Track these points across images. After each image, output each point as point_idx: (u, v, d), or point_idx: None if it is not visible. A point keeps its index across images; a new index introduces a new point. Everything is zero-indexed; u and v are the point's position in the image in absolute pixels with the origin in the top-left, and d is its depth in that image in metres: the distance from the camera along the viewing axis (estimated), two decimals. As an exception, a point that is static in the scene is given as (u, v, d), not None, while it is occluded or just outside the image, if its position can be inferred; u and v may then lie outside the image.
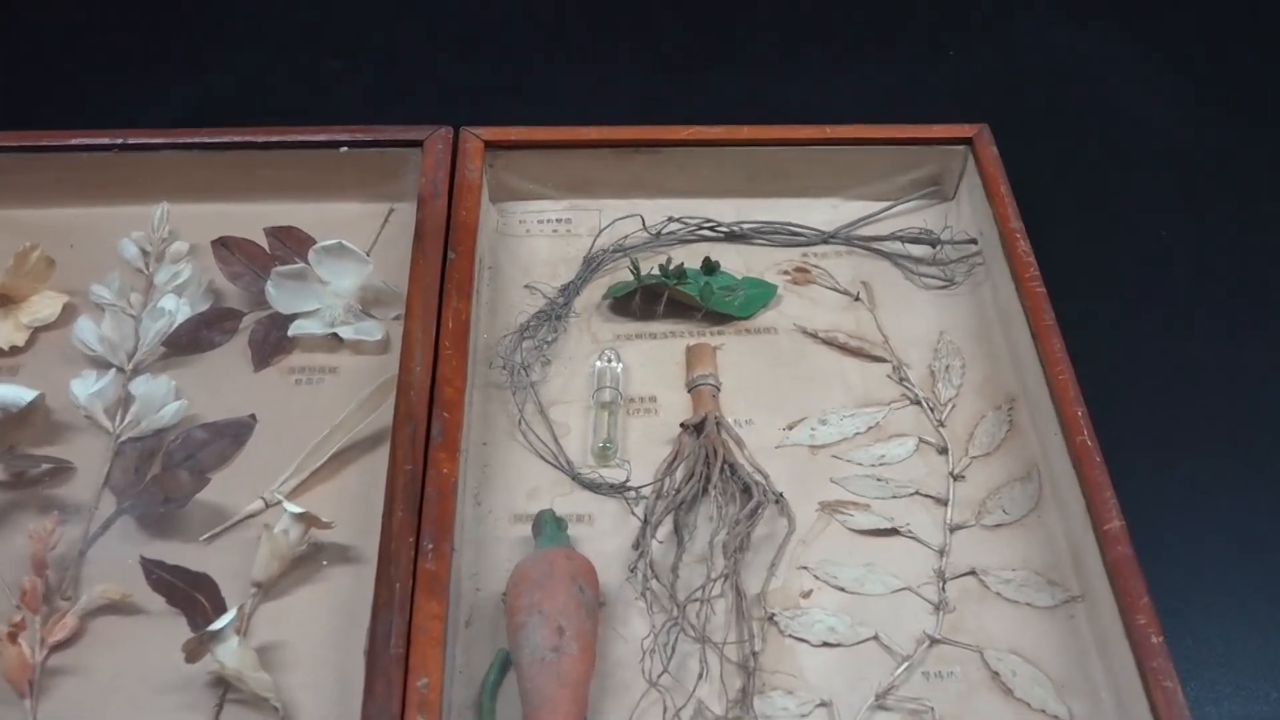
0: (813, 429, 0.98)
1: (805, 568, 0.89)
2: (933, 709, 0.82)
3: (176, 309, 1.02)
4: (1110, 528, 0.85)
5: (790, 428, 0.98)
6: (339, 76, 1.35)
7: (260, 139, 1.09)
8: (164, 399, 0.95)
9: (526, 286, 1.07)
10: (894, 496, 0.94)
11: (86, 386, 0.95)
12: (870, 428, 0.98)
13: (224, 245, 1.06)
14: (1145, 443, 1.03)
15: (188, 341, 1.01)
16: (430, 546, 0.83)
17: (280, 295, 1.02)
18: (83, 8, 1.43)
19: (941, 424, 0.98)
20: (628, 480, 0.93)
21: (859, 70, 1.37)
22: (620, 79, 1.36)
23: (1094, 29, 1.44)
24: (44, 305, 1.03)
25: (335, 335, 1.02)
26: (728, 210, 1.13)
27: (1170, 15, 1.46)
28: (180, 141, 1.08)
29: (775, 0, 1.47)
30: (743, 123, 1.11)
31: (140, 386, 0.96)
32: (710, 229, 1.11)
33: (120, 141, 1.08)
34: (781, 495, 0.92)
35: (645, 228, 1.10)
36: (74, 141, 1.08)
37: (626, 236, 1.10)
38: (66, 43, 1.38)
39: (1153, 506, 0.98)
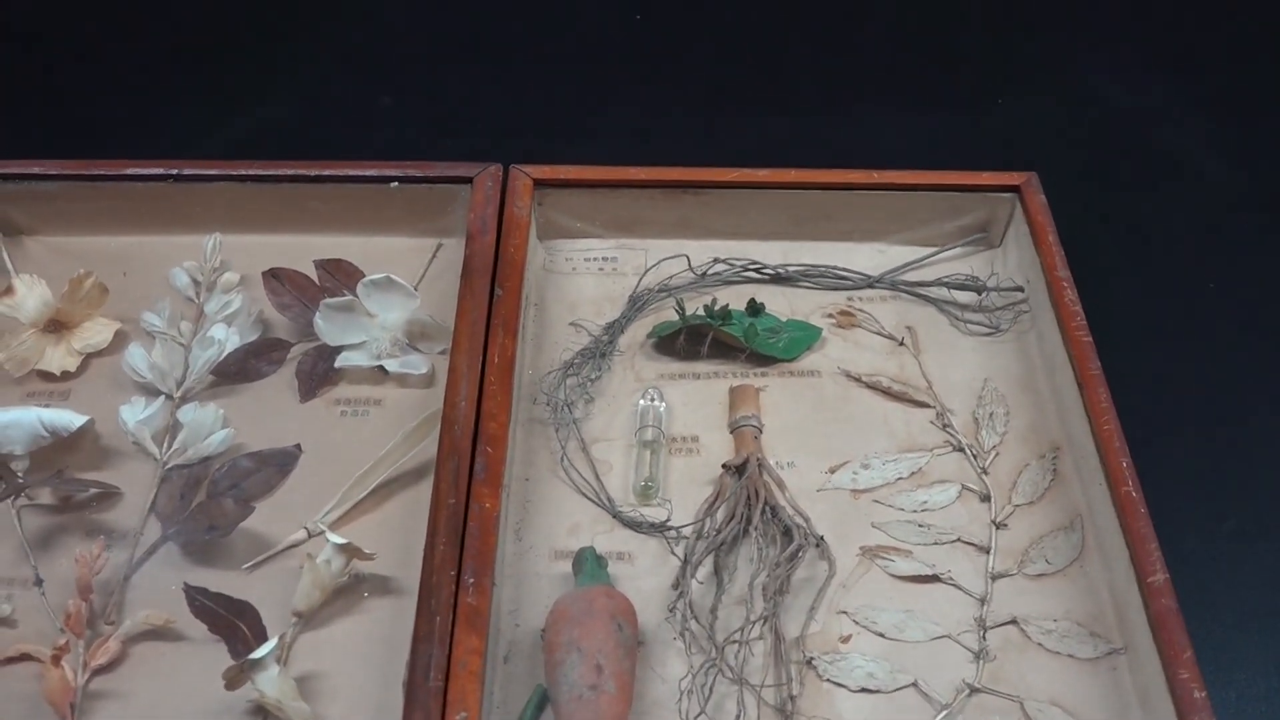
0: (855, 473, 0.98)
1: (845, 612, 0.89)
2: (971, 758, 0.82)
3: (226, 338, 1.03)
4: (1154, 580, 0.84)
5: (832, 471, 0.98)
6: (391, 113, 1.37)
7: (312, 172, 1.10)
8: (211, 427, 0.96)
9: (572, 324, 1.08)
10: (936, 543, 0.93)
11: (135, 413, 0.97)
12: (913, 473, 0.98)
13: (274, 276, 1.07)
14: (1191, 494, 1.02)
15: (236, 371, 1.02)
16: (471, 581, 0.83)
17: (328, 327, 1.03)
18: (139, 39, 1.45)
19: (984, 471, 0.98)
20: (668, 519, 0.94)
21: (908, 116, 1.38)
22: (669, 120, 1.37)
23: (1144, 78, 1.44)
24: (96, 331, 1.05)
25: (381, 368, 1.03)
26: (773, 252, 1.13)
27: (1221, 65, 1.46)
28: (233, 173, 1.10)
29: (825, 44, 1.48)
30: (790, 166, 1.12)
31: (188, 414, 0.97)
32: (756, 271, 1.12)
33: (175, 172, 1.10)
34: (822, 539, 0.92)
35: (691, 268, 1.11)
36: (129, 171, 1.10)
37: (672, 276, 1.11)
38: (123, 74, 1.41)
39: (1197, 559, 0.97)
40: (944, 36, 1.49)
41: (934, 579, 0.91)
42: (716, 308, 1.05)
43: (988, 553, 0.93)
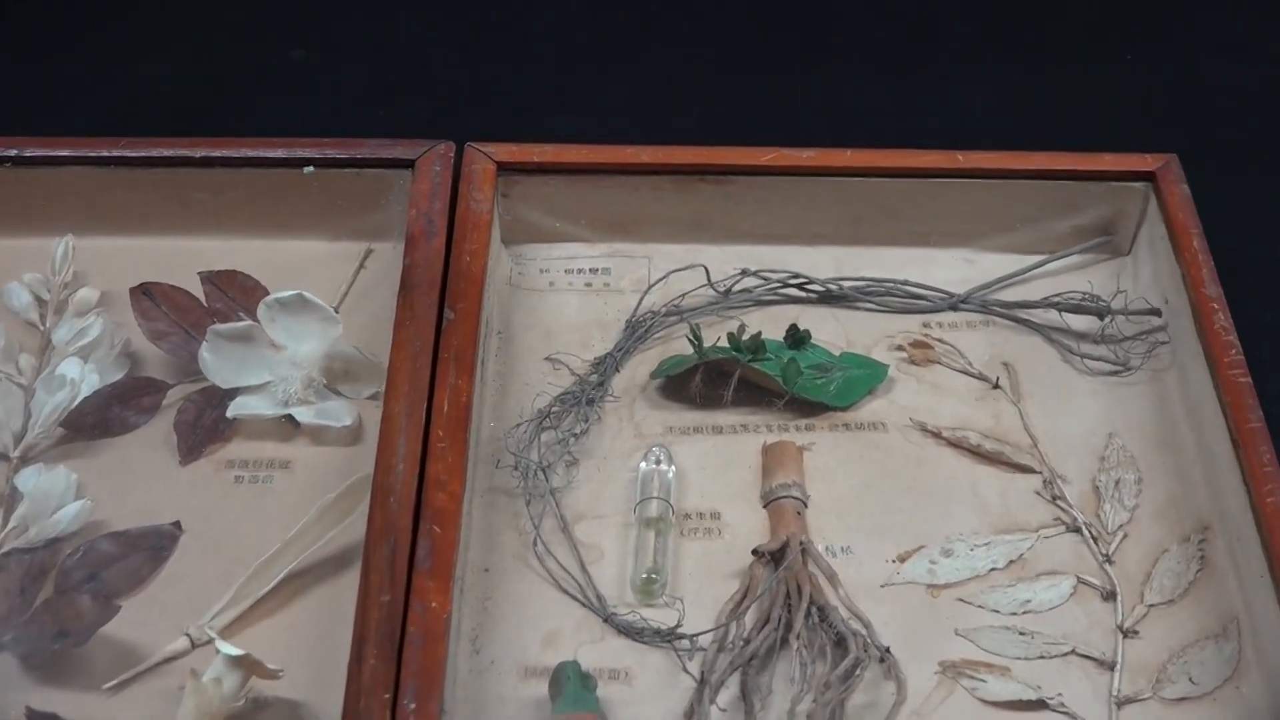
0: (933, 562, 0.98)
1: (919, 750, 0.90)
2: None
3: (81, 378, 1.04)
4: (1336, 707, 0.85)
5: (902, 559, 0.99)
6: (306, 71, 1.37)
7: (197, 153, 1.12)
8: (61, 498, 0.97)
9: (549, 359, 1.09)
10: (1042, 657, 0.94)
11: (-42, 479, 0.98)
12: (1011, 562, 0.99)
13: (146, 294, 1.08)
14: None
15: (95, 422, 1.03)
16: (412, 706, 0.84)
17: (218, 363, 1.04)
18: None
19: (1109, 560, 0.99)
20: (680, 625, 0.94)
21: (1003, 78, 1.38)
22: (681, 84, 1.38)
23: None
24: (-95, 368, 1.06)
25: (290, 418, 1.04)
26: (823, 262, 1.15)
27: None
28: (91, 154, 1.11)
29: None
30: (844, 144, 1.13)
31: (29, 481, 0.98)
32: (799, 286, 1.13)
33: (13, 153, 1.11)
34: (888, 650, 0.92)
35: (710, 283, 1.12)
36: (-49, 152, 1.11)
37: (685, 294, 1.12)
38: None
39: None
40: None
41: (1040, 705, 0.92)
42: (745, 337, 1.06)
43: (1112, 670, 0.94)
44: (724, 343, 1.06)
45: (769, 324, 1.09)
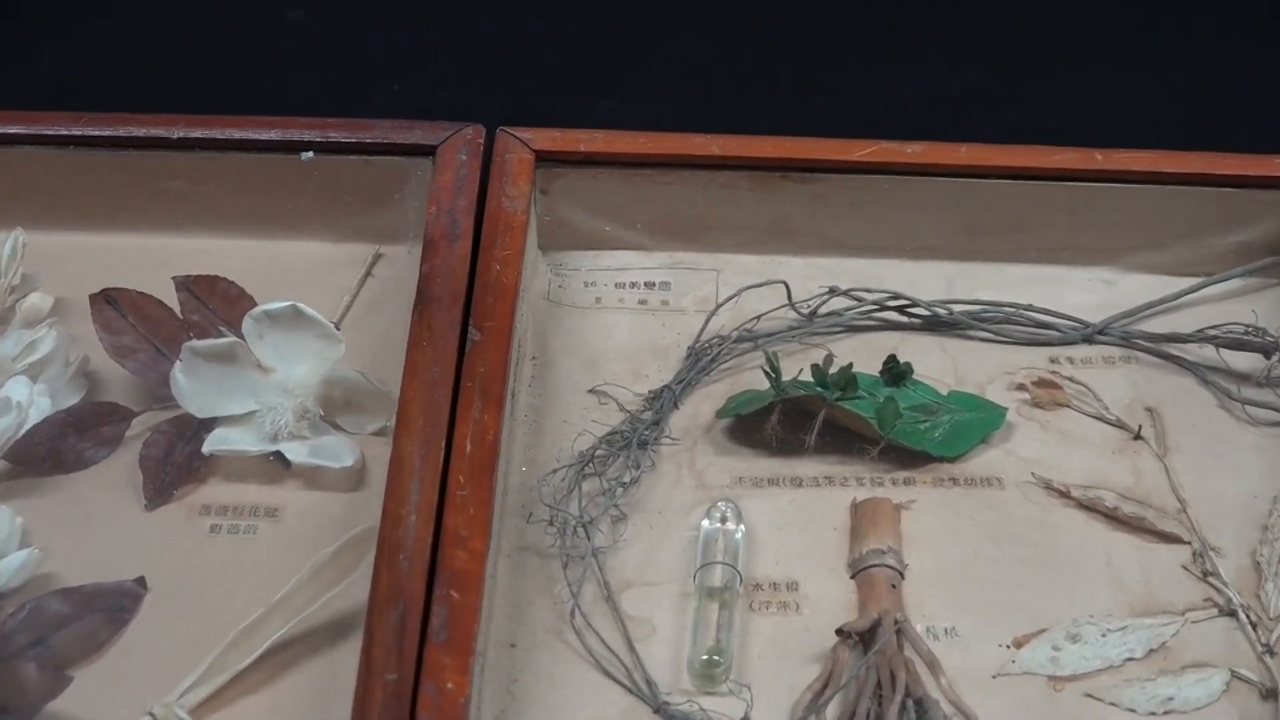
0: (1056, 648, 0.98)
1: None
2: None
3: (29, 401, 1.04)
4: None
5: (1019, 645, 0.98)
6: (305, 35, 1.38)
7: (174, 133, 1.13)
8: (2, 545, 0.97)
9: (593, 391, 1.09)
10: (1188, 767, 0.94)
11: (-118, 519, 0.98)
12: (1151, 651, 0.98)
13: (109, 302, 1.09)
14: None
15: (45, 454, 1.04)
16: (422, 809, 0.84)
17: (194, 387, 1.04)
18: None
19: (1270, 650, 0.98)
20: (747, 718, 0.94)
21: (1151, 63, 1.39)
22: (758, 62, 1.38)
23: None
24: None
25: (279, 456, 1.05)
26: (929, 280, 1.15)
27: None
28: (46, 132, 1.13)
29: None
30: (958, 138, 1.13)
31: (-36, 524, 0.99)
32: (899, 309, 1.13)
33: (-49, 130, 1.12)
34: (1001, 755, 0.93)
35: (791, 302, 1.13)
36: (-122, 129, 1.13)
37: (760, 316, 1.13)
38: None
39: None
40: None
41: (1185, 826, 0.92)
42: (833, 370, 1.06)
43: (1274, 786, 0.93)
44: (807, 376, 1.06)
45: (862, 355, 1.10)
